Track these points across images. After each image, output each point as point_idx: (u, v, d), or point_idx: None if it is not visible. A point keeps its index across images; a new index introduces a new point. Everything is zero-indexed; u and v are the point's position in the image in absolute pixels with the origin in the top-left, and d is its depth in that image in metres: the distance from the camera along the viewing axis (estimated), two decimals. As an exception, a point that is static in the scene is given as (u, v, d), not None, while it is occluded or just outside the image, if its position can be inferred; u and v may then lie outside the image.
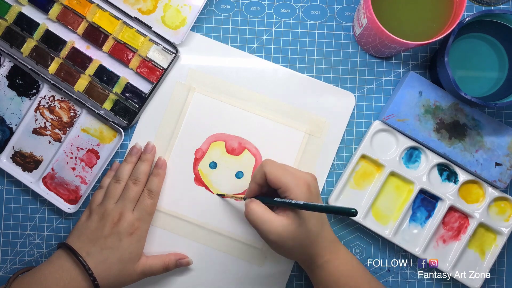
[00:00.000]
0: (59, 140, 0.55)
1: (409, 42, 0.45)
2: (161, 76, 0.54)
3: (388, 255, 0.56)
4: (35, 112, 0.55)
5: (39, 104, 0.55)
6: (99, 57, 0.55)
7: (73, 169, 0.55)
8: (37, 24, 0.54)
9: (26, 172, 0.55)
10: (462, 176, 0.53)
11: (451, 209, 0.54)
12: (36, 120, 0.55)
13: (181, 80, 0.55)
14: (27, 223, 0.56)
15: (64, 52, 0.54)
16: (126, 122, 0.54)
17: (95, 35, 0.54)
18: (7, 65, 0.55)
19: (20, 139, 0.55)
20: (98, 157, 0.55)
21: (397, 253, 0.56)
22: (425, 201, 0.54)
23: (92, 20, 0.53)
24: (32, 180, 0.55)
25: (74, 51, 0.54)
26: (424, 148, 0.53)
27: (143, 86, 0.54)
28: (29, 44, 0.54)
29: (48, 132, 0.55)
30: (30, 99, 0.55)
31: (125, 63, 0.54)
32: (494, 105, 0.48)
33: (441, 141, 0.53)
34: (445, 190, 0.54)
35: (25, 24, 0.54)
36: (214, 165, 0.55)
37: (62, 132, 0.55)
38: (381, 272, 0.56)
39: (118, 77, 0.54)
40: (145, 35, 0.54)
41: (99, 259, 0.48)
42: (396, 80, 0.55)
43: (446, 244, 0.54)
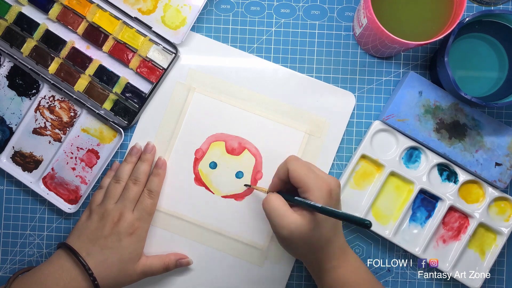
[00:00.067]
0: (59, 140, 0.55)
1: (409, 42, 0.45)
2: (161, 76, 0.54)
3: (388, 255, 0.56)
4: (35, 112, 0.55)
5: (39, 104, 0.55)
6: (99, 57, 0.55)
7: (73, 169, 0.55)
8: (37, 24, 0.54)
9: (26, 172, 0.55)
10: (462, 176, 0.53)
11: (451, 209, 0.54)
12: (36, 120, 0.55)
13: (181, 80, 0.55)
14: (27, 223, 0.56)
15: (64, 52, 0.54)
16: (126, 122, 0.54)
17: (95, 35, 0.54)
18: (7, 65, 0.55)
19: (20, 139, 0.55)
20: (98, 157, 0.55)
21: (397, 253, 0.56)
22: (425, 201, 0.54)
23: (92, 20, 0.53)
24: (32, 180, 0.55)
25: (74, 51, 0.54)
26: (424, 148, 0.53)
27: (143, 86, 0.54)
28: (29, 44, 0.54)
29: (48, 132, 0.55)
30: (30, 99, 0.55)
31: (125, 63, 0.54)
32: (494, 105, 0.48)
33: (441, 141, 0.53)
34: (445, 190, 0.54)
35: (25, 24, 0.54)
36: (214, 165, 0.55)
37: (62, 132, 0.55)
38: (381, 272, 0.56)
39: (118, 77, 0.54)
40: (145, 35, 0.54)
41: (99, 259, 0.48)
42: (396, 80, 0.55)
43: (446, 244, 0.54)
